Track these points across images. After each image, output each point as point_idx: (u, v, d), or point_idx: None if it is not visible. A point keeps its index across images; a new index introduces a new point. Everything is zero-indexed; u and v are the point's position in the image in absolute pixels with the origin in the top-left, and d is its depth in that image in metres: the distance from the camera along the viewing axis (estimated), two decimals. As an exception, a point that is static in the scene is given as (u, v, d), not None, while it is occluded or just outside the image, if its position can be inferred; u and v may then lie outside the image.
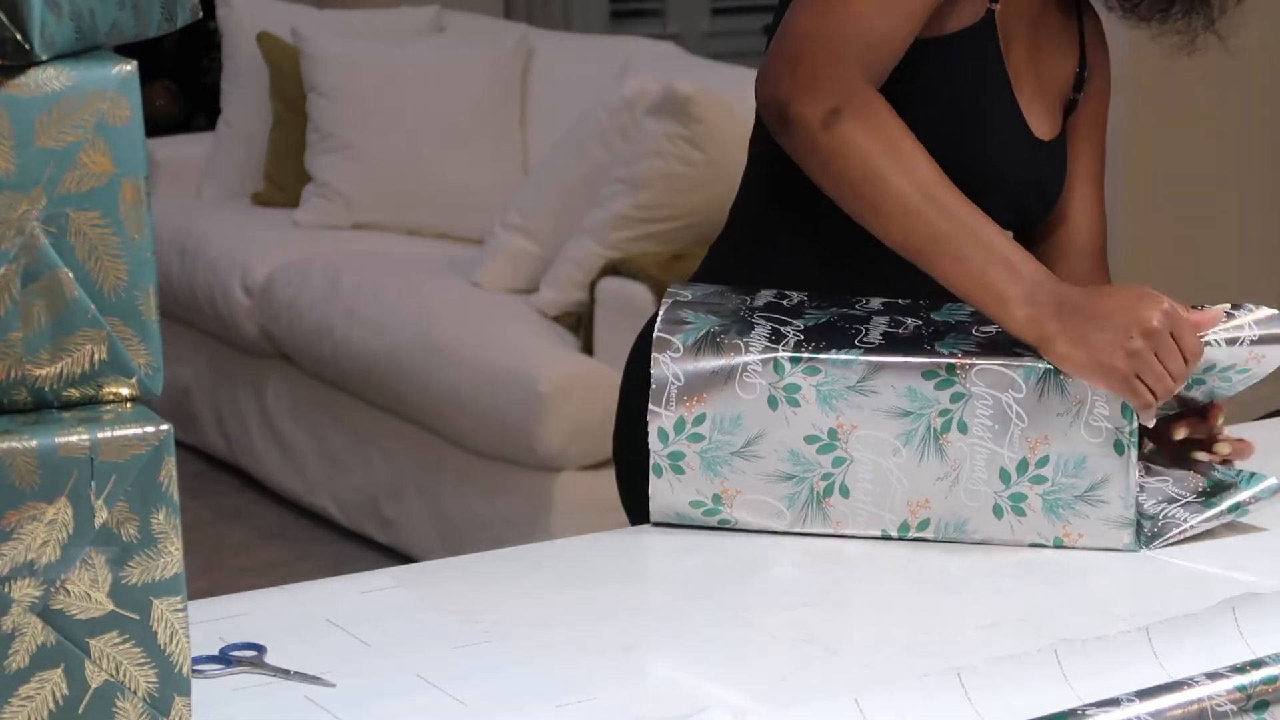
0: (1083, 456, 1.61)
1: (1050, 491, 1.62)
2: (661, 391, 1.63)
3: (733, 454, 1.63)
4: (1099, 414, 1.60)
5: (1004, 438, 1.61)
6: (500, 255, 4.23)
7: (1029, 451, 1.61)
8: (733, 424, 1.62)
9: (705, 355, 1.63)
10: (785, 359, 1.61)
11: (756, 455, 1.63)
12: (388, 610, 1.49)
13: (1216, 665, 1.33)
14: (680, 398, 1.63)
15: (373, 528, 4.26)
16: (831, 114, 1.64)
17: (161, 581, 1.13)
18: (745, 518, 1.65)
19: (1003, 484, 1.62)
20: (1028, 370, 1.60)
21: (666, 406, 1.63)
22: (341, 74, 4.90)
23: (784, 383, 1.61)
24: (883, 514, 1.63)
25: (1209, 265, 4.86)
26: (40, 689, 1.10)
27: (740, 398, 1.62)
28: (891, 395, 1.60)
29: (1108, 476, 1.61)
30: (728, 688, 1.36)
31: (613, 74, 4.68)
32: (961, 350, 1.61)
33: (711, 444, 1.63)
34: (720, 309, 1.68)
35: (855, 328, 1.65)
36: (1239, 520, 1.68)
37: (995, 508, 1.62)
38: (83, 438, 1.09)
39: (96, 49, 1.13)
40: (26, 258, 1.09)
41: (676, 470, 1.64)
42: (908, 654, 1.43)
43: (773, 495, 1.64)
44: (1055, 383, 1.60)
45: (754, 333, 1.64)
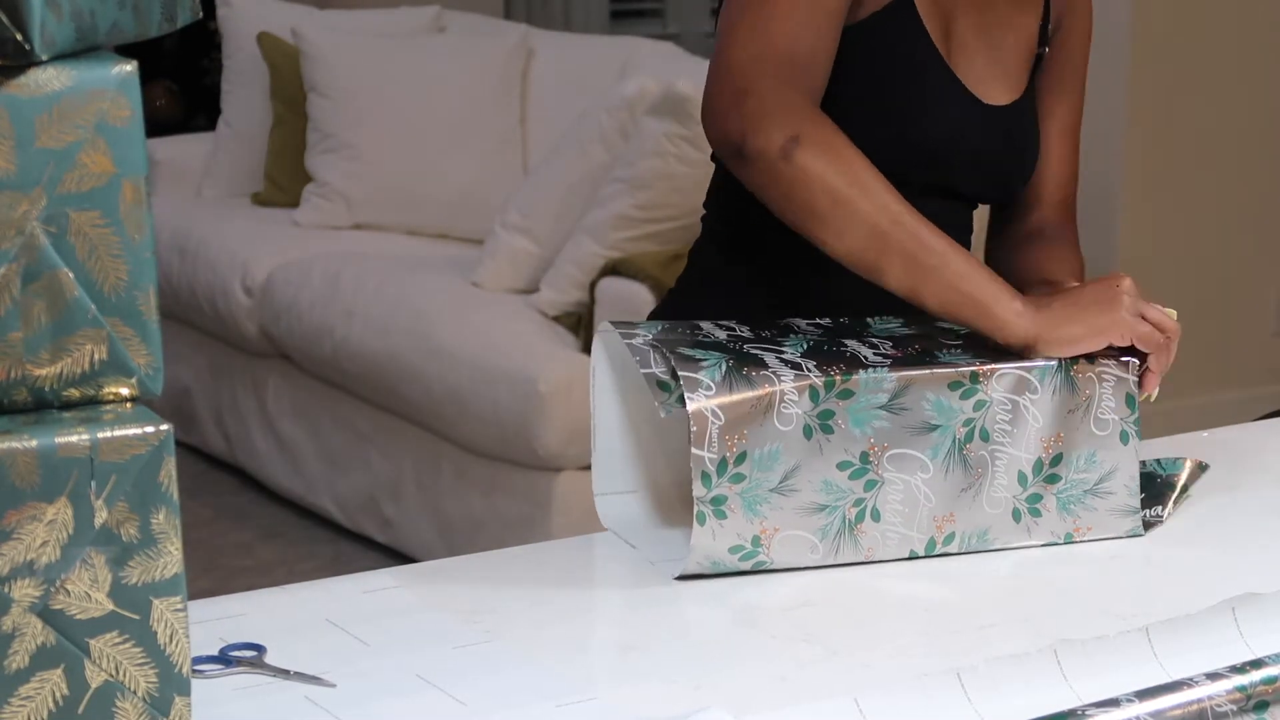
0: (1093, 451, 1.63)
1: (1064, 489, 1.63)
2: (703, 433, 1.52)
3: (771, 491, 1.55)
4: (1106, 406, 1.63)
5: (1021, 440, 1.61)
6: (500, 255, 4.23)
7: (1044, 452, 1.62)
8: (771, 459, 1.54)
9: (739, 389, 1.54)
10: (820, 384, 1.55)
11: (793, 489, 1.56)
12: (388, 610, 1.49)
13: (1216, 665, 1.33)
14: (721, 437, 1.53)
15: (373, 528, 4.26)
16: (790, 142, 1.65)
17: (161, 581, 1.13)
18: (781, 557, 1.57)
19: (1020, 487, 1.63)
20: (1042, 370, 1.62)
21: (709, 448, 1.52)
22: (341, 74, 4.90)
23: (819, 409, 1.55)
24: (911, 534, 1.60)
25: (1208, 263, 4.86)
26: (40, 689, 1.10)
27: (778, 430, 1.54)
28: (920, 410, 1.58)
29: (1116, 467, 1.64)
30: (728, 687, 1.36)
31: (613, 74, 4.68)
32: (968, 358, 1.61)
33: (752, 483, 1.54)
34: (712, 343, 1.61)
35: (840, 348, 1.62)
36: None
37: (1014, 512, 1.63)
38: (83, 438, 1.09)
39: (96, 49, 1.13)
40: (27, 258, 1.09)
41: (719, 515, 1.54)
42: (908, 654, 1.43)
43: (807, 529, 1.57)
44: (1066, 380, 1.62)
45: (771, 362, 1.57)
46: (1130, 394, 1.64)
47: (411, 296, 4.22)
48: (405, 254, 4.61)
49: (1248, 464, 1.88)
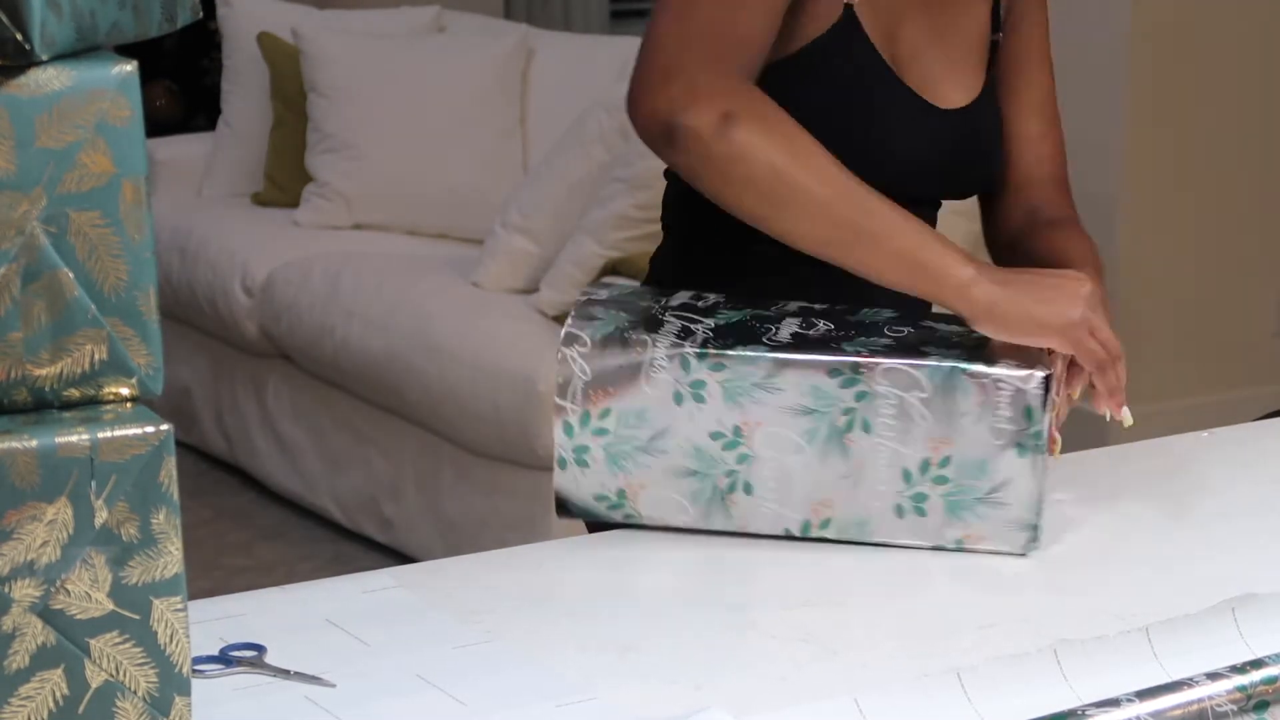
0: (984, 459, 1.59)
1: (952, 493, 1.60)
2: (567, 386, 1.63)
3: (637, 449, 1.63)
4: (1001, 415, 1.58)
5: (907, 437, 1.59)
6: (500, 255, 4.23)
7: (931, 452, 1.60)
8: (638, 419, 1.62)
9: (612, 351, 1.62)
10: (692, 355, 1.60)
11: (661, 451, 1.62)
12: (388, 610, 1.49)
13: (1216, 665, 1.33)
14: (586, 392, 1.62)
15: (373, 528, 4.26)
16: (723, 120, 1.60)
17: (161, 581, 1.13)
18: (649, 513, 1.64)
19: (905, 484, 1.60)
20: (932, 370, 1.58)
21: (572, 401, 1.63)
22: (341, 74, 4.90)
23: (690, 379, 1.60)
24: (785, 512, 1.62)
25: (1208, 263, 4.86)
26: (40, 689, 1.10)
27: (646, 393, 1.61)
28: (796, 393, 1.59)
29: (1010, 479, 1.59)
30: (728, 687, 1.36)
31: (613, 74, 4.68)
32: (869, 349, 1.60)
33: (616, 438, 1.63)
34: (632, 307, 1.68)
35: (766, 326, 1.65)
36: None
37: (897, 508, 1.61)
38: (83, 438, 1.09)
39: (96, 49, 1.13)
40: (26, 258, 1.09)
41: (581, 464, 1.64)
42: (908, 654, 1.43)
43: (677, 491, 1.63)
44: (959, 383, 1.58)
45: (663, 329, 1.63)
46: (1030, 407, 1.58)
47: (411, 296, 4.22)
48: (405, 254, 4.61)
49: (1247, 464, 1.88)
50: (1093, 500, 1.75)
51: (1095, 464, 1.87)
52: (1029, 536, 1.61)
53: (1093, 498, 1.76)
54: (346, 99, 4.88)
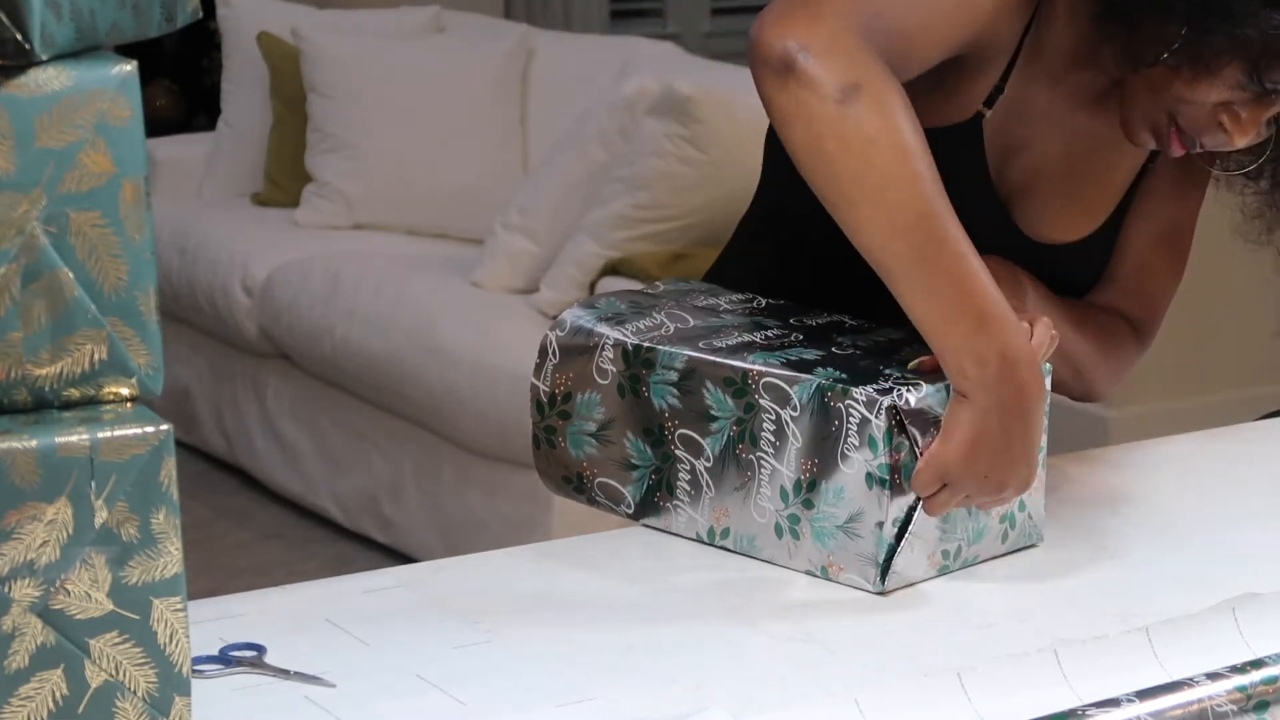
0: (842, 485, 1.52)
1: (818, 519, 1.54)
2: (543, 367, 1.67)
3: (590, 435, 1.66)
4: (851, 444, 1.51)
5: (784, 455, 1.55)
6: (500, 255, 4.23)
7: (802, 473, 1.54)
8: (589, 407, 1.65)
9: (579, 336, 1.65)
10: (631, 347, 1.62)
11: (609, 441, 1.65)
12: (388, 610, 1.49)
13: (1216, 665, 1.33)
14: (554, 373, 1.66)
15: (373, 528, 4.26)
16: (851, 86, 1.48)
17: (161, 581, 1.13)
18: (602, 500, 1.68)
19: (782, 503, 1.56)
20: (803, 387, 1.53)
21: (543, 381, 1.67)
22: (341, 74, 4.90)
23: (629, 372, 1.62)
24: (696, 517, 1.62)
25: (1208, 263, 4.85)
26: (40, 689, 1.10)
27: (597, 381, 1.64)
28: (702, 398, 1.58)
29: (862, 510, 1.51)
30: (728, 688, 1.36)
31: (613, 74, 4.68)
32: (767, 360, 1.56)
33: (576, 423, 1.66)
34: (642, 299, 1.71)
35: (727, 328, 1.63)
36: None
37: (776, 526, 1.57)
38: (83, 438, 1.09)
39: (96, 49, 1.13)
40: (26, 258, 1.09)
41: (550, 444, 1.68)
42: (908, 654, 1.43)
43: (621, 482, 1.66)
44: (821, 404, 1.52)
45: (635, 322, 1.65)
46: (873, 437, 1.49)
47: (411, 296, 4.22)
48: (405, 254, 4.61)
49: (1248, 464, 1.88)
50: (1093, 500, 1.75)
51: (1095, 464, 1.87)
52: (876, 573, 1.53)
53: (1093, 498, 1.76)
54: (346, 99, 4.88)
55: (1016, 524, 1.62)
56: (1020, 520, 1.62)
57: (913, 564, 1.54)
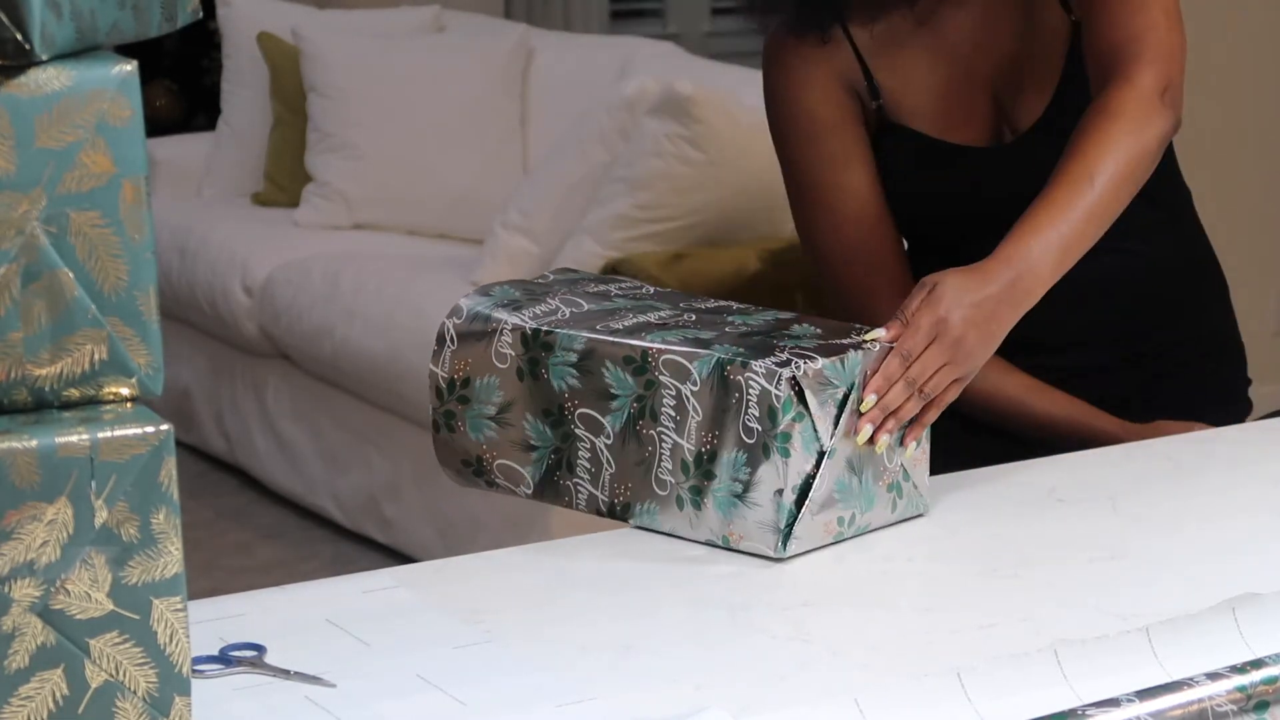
0: (743, 456, 1.58)
1: (719, 489, 1.60)
2: (440, 353, 1.71)
3: (489, 419, 1.70)
4: (751, 414, 1.57)
5: (684, 429, 1.61)
6: (500, 255, 4.23)
7: (703, 446, 1.60)
8: (488, 390, 1.69)
9: (476, 321, 1.69)
10: (530, 331, 1.66)
11: (508, 423, 1.69)
12: (388, 610, 1.49)
13: (1216, 665, 1.33)
14: (452, 360, 1.70)
15: (373, 528, 4.26)
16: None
17: (161, 581, 1.13)
18: (501, 482, 1.72)
19: (684, 475, 1.62)
20: (702, 362, 1.59)
21: (441, 366, 1.71)
22: (341, 74, 4.90)
23: (527, 355, 1.67)
24: (598, 494, 1.67)
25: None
26: (40, 689, 1.10)
27: (495, 365, 1.68)
28: (601, 377, 1.63)
29: (760, 479, 1.57)
30: (728, 688, 1.36)
31: (613, 74, 4.68)
32: (666, 339, 1.62)
33: (475, 407, 1.70)
34: (536, 287, 1.76)
35: (624, 312, 1.70)
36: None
37: (678, 499, 1.63)
38: (83, 438, 1.09)
39: (96, 49, 1.13)
40: (26, 258, 1.09)
41: (449, 429, 1.72)
42: (908, 654, 1.43)
43: (520, 463, 1.70)
44: (721, 378, 1.58)
45: (531, 308, 1.70)
46: (773, 407, 1.55)
47: (411, 296, 4.22)
48: (405, 254, 4.61)
49: (1248, 464, 1.88)
50: (1093, 500, 1.75)
51: (1095, 464, 1.87)
52: (777, 540, 1.58)
53: (1093, 498, 1.76)
54: (346, 99, 4.88)
55: (904, 494, 1.68)
56: (907, 490, 1.68)
57: (812, 531, 1.60)
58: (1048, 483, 1.79)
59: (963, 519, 1.71)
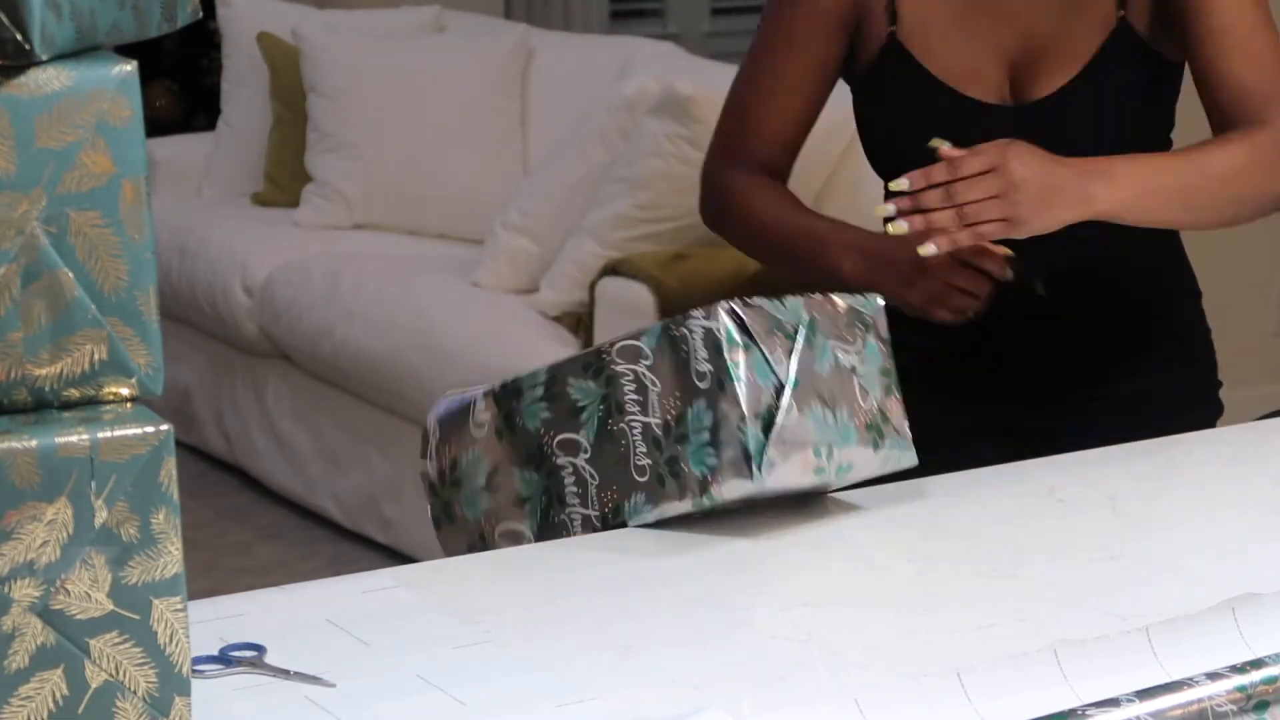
0: (702, 403, 1.60)
1: (693, 447, 1.61)
2: (426, 448, 1.74)
3: (482, 489, 1.71)
4: (699, 357, 1.60)
5: (649, 407, 1.63)
6: (500, 255, 4.23)
7: (668, 414, 1.62)
8: (474, 464, 1.71)
9: (453, 406, 1.73)
10: (497, 388, 1.69)
11: (498, 486, 1.70)
12: (388, 610, 1.49)
13: (1216, 665, 1.33)
14: (439, 449, 1.73)
15: (373, 528, 4.26)
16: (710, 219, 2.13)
17: (161, 581, 1.13)
18: (504, 545, 1.71)
19: (659, 451, 1.63)
20: (649, 335, 1.62)
21: (430, 462, 1.74)
22: (341, 74, 4.90)
23: (502, 412, 1.69)
24: (589, 512, 1.66)
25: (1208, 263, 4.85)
26: (40, 689, 1.10)
27: (474, 437, 1.71)
28: (568, 396, 1.65)
29: (723, 416, 1.59)
30: (728, 688, 1.36)
31: (613, 74, 4.67)
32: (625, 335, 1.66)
33: (466, 486, 1.72)
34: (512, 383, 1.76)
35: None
36: None
37: (659, 478, 1.63)
38: (83, 438, 1.09)
39: (96, 49, 1.13)
40: (26, 258, 1.09)
41: (449, 518, 1.73)
42: (908, 654, 1.43)
43: (517, 520, 1.70)
44: (667, 339, 1.61)
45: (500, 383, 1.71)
46: (717, 341, 1.59)
47: (411, 296, 4.22)
48: (405, 254, 4.61)
49: (1248, 464, 1.88)
50: (1093, 500, 1.75)
51: (1095, 464, 1.87)
52: (752, 469, 1.59)
53: (1093, 498, 1.76)
54: (346, 99, 4.88)
55: (885, 436, 1.69)
56: (888, 433, 1.69)
57: (790, 466, 1.61)
58: (1048, 483, 1.79)
59: (963, 519, 1.71)
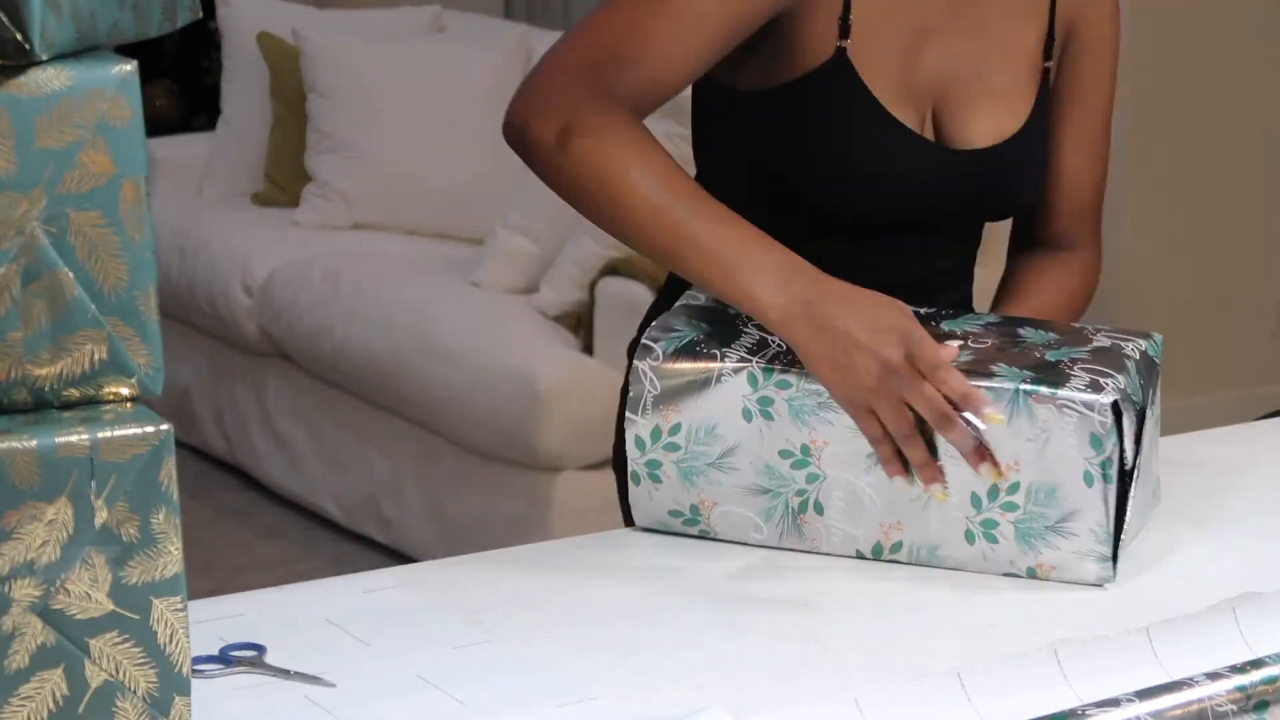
0: (1054, 486, 1.53)
1: (1022, 520, 1.54)
2: (639, 400, 1.59)
3: (709, 465, 1.59)
4: (1067, 443, 1.51)
5: None
6: (500, 255, 4.23)
7: (999, 477, 1.54)
8: (708, 435, 1.59)
9: (682, 362, 1.58)
10: (759, 370, 1.56)
11: (733, 468, 1.59)
12: (388, 610, 1.49)
13: (1216, 665, 1.33)
14: (656, 406, 1.59)
15: (373, 528, 4.26)
16: (563, 132, 1.61)
17: (161, 581, 1.13)
18: (724, 530, 1.62)
19: (974, 509, 1.55)
20: (998, 392, 1.52)
21: (643, 414, 1.60)
22: (341, 74, 4.90)
23: (757, 395, 1.57)
24: (856, 534, 1.58)
25: (1208, 263, 4.86)
26: (40, 689, 1.10)
27: (715, 408, 1.58)
28: None
29: (1078, 508, 1.53)
30: (728, 688, 1.36)
31: (613, 74, 4.67)
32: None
33: (688, 454, 1.59)
34: (715, 316, 1.63)
35: None
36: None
37: (967, 533, 1.56)
38: (83, 438, 1.09)
39: (96, 49, 1.13)
40: (27, 258, 1.09)
41: (654, 479, 1.61)
42: (908, 654, 1.43)
43: (750, 509, 1.60)
44: (1024, 406, 1.51)
45: (738, 342, 1.59)
46: (1095, 434, 1.51)
47: (411, 296, 4.22)
48: (405, 254, 4.61)
49: (1248, 464, 1.88)
50: (1093, 500, 1.75)
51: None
52: (1103, 568, 1.55)
53: (1093, 498, 1.76)
54: (346, 99, 4.88)
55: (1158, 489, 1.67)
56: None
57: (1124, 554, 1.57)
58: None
59: (963, 519, 1.71)
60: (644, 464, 1.61)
